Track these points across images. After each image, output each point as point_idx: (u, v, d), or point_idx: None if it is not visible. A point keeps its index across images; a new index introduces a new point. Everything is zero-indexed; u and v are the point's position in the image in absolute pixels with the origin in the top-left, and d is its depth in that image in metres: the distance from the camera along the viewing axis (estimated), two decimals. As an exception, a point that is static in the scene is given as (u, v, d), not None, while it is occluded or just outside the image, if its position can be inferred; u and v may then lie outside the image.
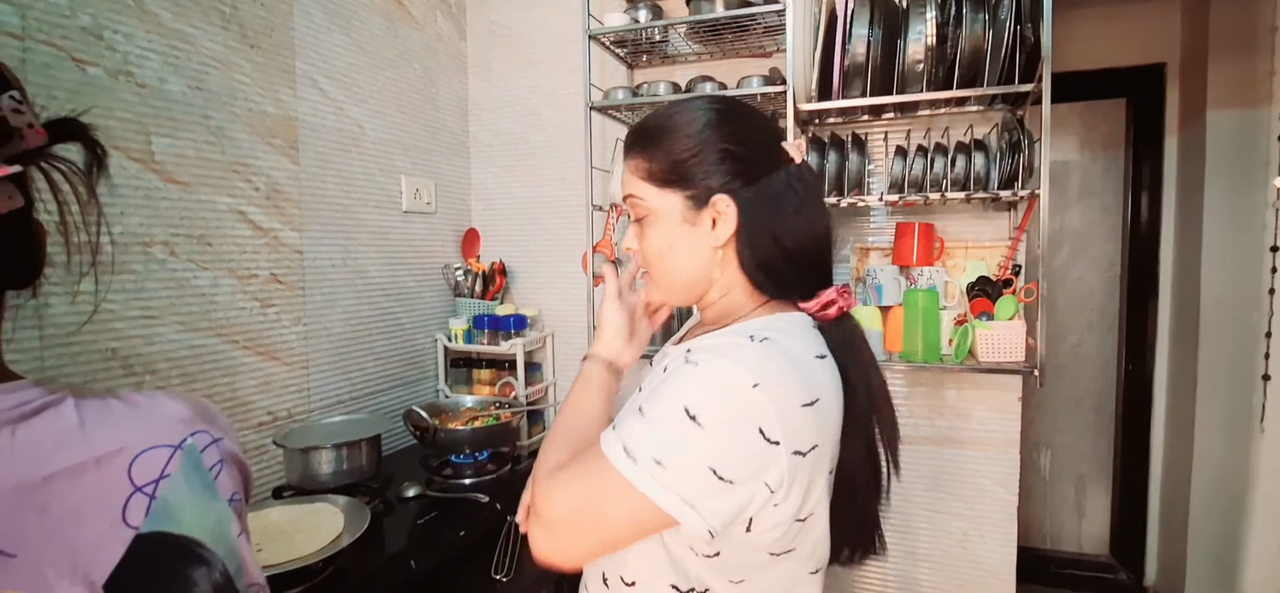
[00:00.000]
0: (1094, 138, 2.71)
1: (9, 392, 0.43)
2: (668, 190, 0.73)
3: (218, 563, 0.48)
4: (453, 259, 2.01)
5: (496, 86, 2.03)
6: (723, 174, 0.71)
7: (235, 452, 0.54)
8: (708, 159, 0.71)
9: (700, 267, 0.74)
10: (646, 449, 0.62)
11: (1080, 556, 2.81)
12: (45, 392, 0.45)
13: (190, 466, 0.49)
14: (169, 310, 1.25)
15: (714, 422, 0.61)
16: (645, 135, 0.75)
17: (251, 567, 0.51)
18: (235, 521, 0.51)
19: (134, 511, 0.44)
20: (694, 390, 0.63)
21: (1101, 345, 2.74)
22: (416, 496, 1.46)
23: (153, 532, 0.45)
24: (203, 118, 1.30)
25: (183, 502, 0.47)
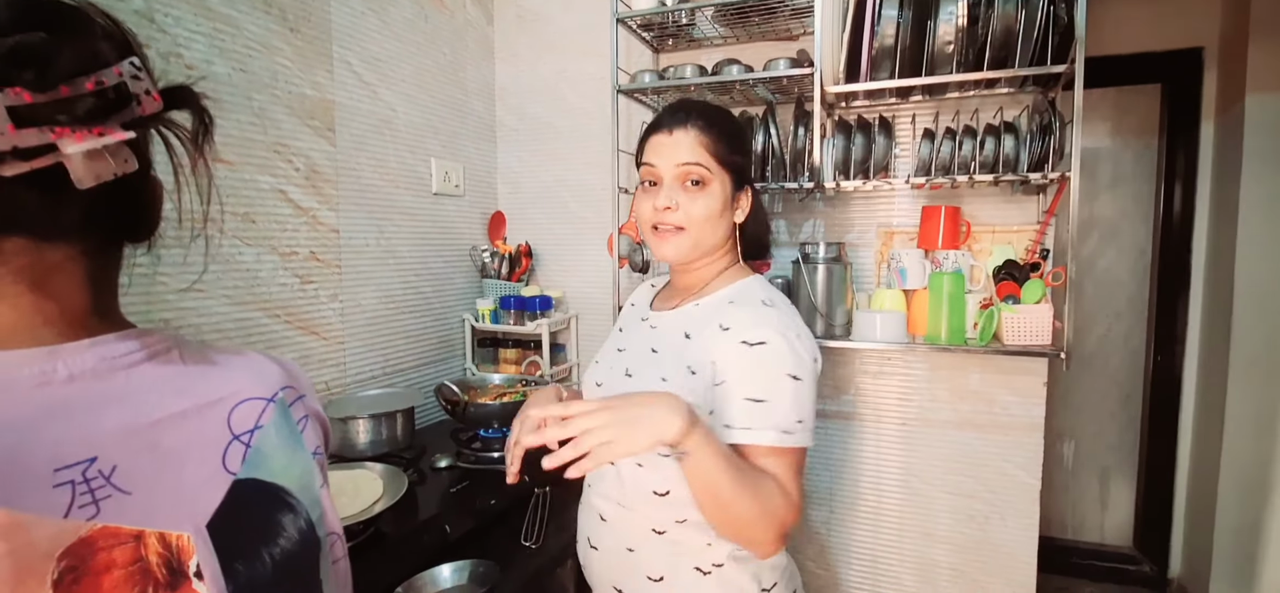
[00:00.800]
0: (1126, 125, 2.67)
1: (123, 339, 0.46)
2: (723, 170, 0.92)
3: (303, 511, 0.51)
4: (480, 241, 2.05)
5: (523, 71, 2.06)
6: (746, 173, 0.97)
7: (317, 409, 0.57)
8: (741, 157, 0.95)
9: (723, 237, 0.95)
10: (791, 419, 0.83)
11: (1102, 547, 2.79)
12: (154, 341, 0.48)
13: (281, 418, 0.52)
14: (216, 285, 1.31)
15: (805, 371, 0.85)
16: (707, 115, 0.94)
17: (331, 516, 0.55)
18: (318, 472, 0.54)
19: (232, 457, 0.47)
20: (785, 359, 0.84)
21: (1130, 336, 2.71)
22: (448, 466, 1.50)
23: (249, 478, 0.48)
24: (246, 99, 1.35)
25: (274, 451, 0.50)
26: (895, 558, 1.82)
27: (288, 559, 0.49)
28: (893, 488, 1.80)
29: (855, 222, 1.76)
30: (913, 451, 1.77)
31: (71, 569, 0.38)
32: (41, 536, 0.37)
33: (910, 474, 1.78)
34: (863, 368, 1.79)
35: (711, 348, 0.87)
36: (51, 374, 0.41)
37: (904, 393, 1.76)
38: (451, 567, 1.24)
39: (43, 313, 0.43)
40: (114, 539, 0.40)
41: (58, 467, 0.39)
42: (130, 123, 0.41)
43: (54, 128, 0.38)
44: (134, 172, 0.43)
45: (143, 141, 0.47)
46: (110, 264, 0.48)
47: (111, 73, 0.41)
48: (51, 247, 0.43)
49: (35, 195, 0.40)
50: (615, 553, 0.97)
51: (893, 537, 1.81)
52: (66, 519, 0.38)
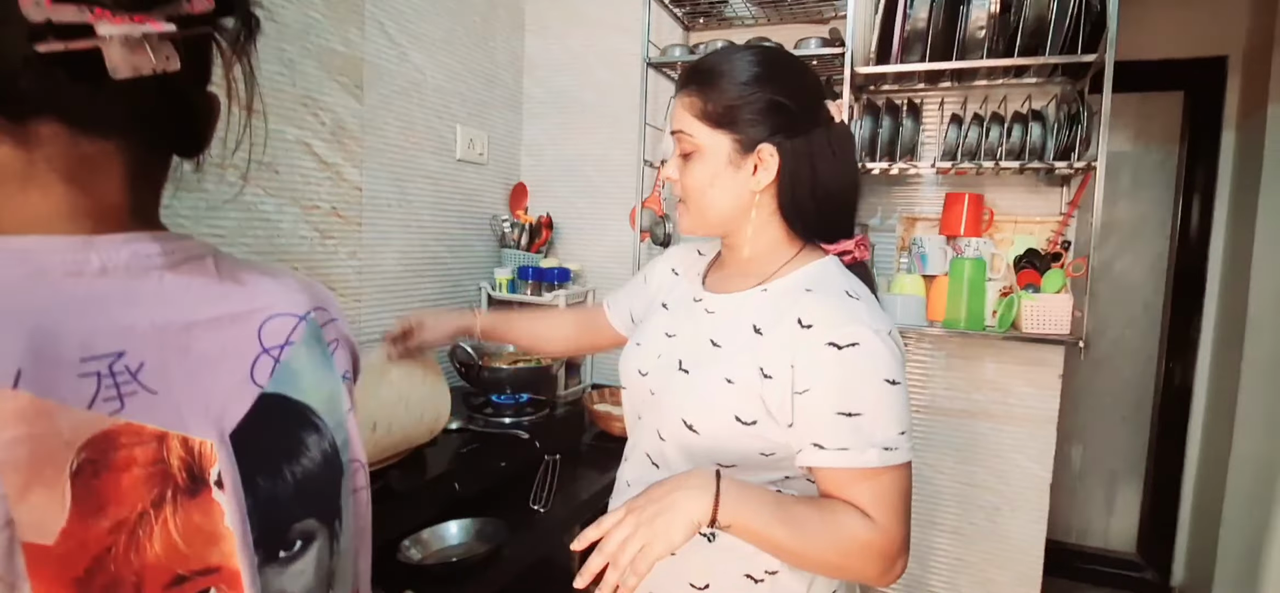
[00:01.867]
0: (1149, 130, 2.66)
1: (159, 240, 0.45)
2: (718, 131, 0.78)
3: (328, 433, 0.51)
4: (501, 211, 2.05)
5: (552, 44, 2.06)
6: (769, 125, 0.77)
7: (348, 335, 0.56)
8: (757, 108, 0.77)
9: (736, 207, 0.81)
10: (893, 432, 0.71)
11: (1106, 552, 2.79)
12: (190, 246, 0.47)
13: (311, 337, 0.51)
14: (237, 232, 1.31)
15: (901, 375, 0.73)
16: (702, 75, 0.80)
17: (356, 443, 0.54)
18: (346, 396, 0.53)
19: (261, 370, 0.47)
20: (882, 362, 0.71)
21: (1144, 342, 2.70)
22: (459, 429, 1.51)
23: (275, 393, 0.47)
24: (277, 48, 1.35)
25: (303, 370, 0.49)
26: (902, 546, 1.82)
27: (309, 479, 0.49)
28: (903, 476, 1.80)
29: (878, 206, 1.76)
30: (926, 439, 1.77)
31: (91, 462, 0.37)
32: (64, 424, 0.37)
33: (922, 462, 1.78)
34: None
35: (790, 348, 0.74)
36: (84, 264, 0.40)
37: (920, 381, 1.76)
38: (459, 524, 1.24)
39: (77, 205, 0.42)
40: (136, 437, 0.39)
41: (85, 356, 0.38)
42: (176, 18, 0.40)
43: (93, 8, 0.37)
44: (178, 73, 0.41)
45: (200, 50, 0.46)
46: (153, 169, 0.47)
47: None
48: (89, 139, 0.42)
49: (74, 81, 0.39)
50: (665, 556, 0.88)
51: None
52: (90, 411, 0.38)
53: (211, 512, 0.42)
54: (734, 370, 0.76)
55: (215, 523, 0.42)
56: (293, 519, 0.48)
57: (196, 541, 0.42)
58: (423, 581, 1.12)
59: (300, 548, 0.48)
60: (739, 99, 0.77)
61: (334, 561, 0.52)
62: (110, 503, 0.38)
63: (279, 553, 0.47)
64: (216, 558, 0.42)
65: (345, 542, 0.53)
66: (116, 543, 0.38)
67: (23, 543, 0.35)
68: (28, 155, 0.40)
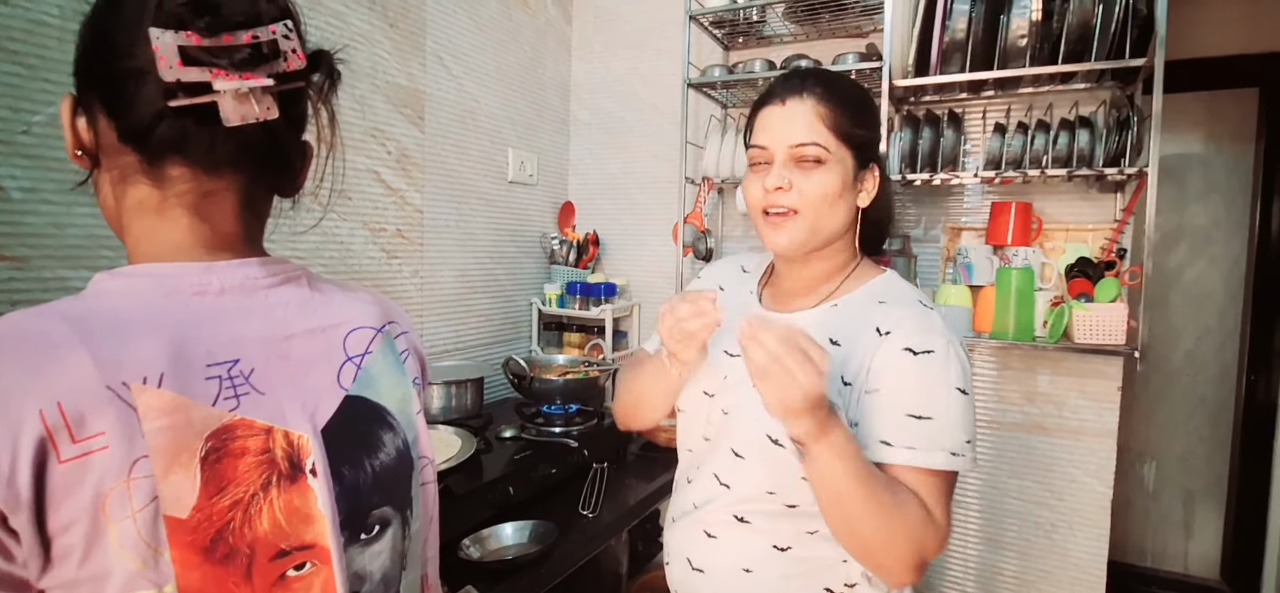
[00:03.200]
0: (1220, 130, 2.53)
1: (264, 264, 0.53)
2: (844, 147, 0.80)
3: (401, 431, 0.57)
4: (550, 229, 2.14)
5: (597, 68, 2.15)
6: (874, 149, 0.84)
7: (418, 345, 0.63)
8: (874, 132, 0.84)
9: (846, 221, 0.82)
10: (960, 438, 0.73)
11: (1186, 577, 2.63)
12: (289, 269, 0.55)
13: (387, 347, 0.58)
14: (314, 254, 1.44)
15: (969, 386, 0.75)
16: (834, 85, 0.82)
17: (424, 441, 0.61)
18: (416, 399, 0.60)
19: (346, 375, 0.54)
20: (954, 371, 0.74)
21: (1221, 352, 2.55)
22: (513, 437, 1.59)
23: (358, 395, 0.54)
24: (349, 87, 1.48)
25: (380, 375, 0.57)
26: (958, 565, 1.79)
27: (386, 472, 0.55)
28: (958, 492, 1.77)
29: (921, 217, 1.76)
30: (980, 453, 1.73)
31: (215, 449, 0.45)
32: (196, 417, 0.44)
33: (976, 478, 1.74)
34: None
35: (869, 355, 0.75)
36: (207, 285, 0.49)
37: (968, 393, 1.73)
38: (514, 525, 1.31)
39: (199, 234, 0.50)
40: (249, 430, 0.47)
41: (209, 363, 0.46)
42: (276, 75, 0.48)
43: (212, 69, 0.45)
44: (277, 120, 0.49)
45: (295, 101, 0.53)
46: (259, 204, 0.55)
47: (267, 30, 0.48)
48: (209, 177, 0.50)
49: (197, 128, 0.47)
50: (728, 574, 0.84)
51: (957, 542, 1.78)
52: (214, 408, 0.46)
53: (308, 496, 0.49)
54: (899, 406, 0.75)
55: (310, 506, 0.49)
56: (372, 506, 0.54)
57: (295, 520, 0.49)
58: (481, 577, 1.19)
59: (378, 532, 0.55)
60: (865, 121, 0.82)
61: (406, 545, 0.58)
62: (229, 484, 0.46)
63: (360, 535, 0.53)
64: (311, 536, 0.49)
65: (415, 528, 0.60)
66: (234, 518, 0.46)
67: (165, 516, 0.43)
68: (162, 193, 0.50)
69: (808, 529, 0.80)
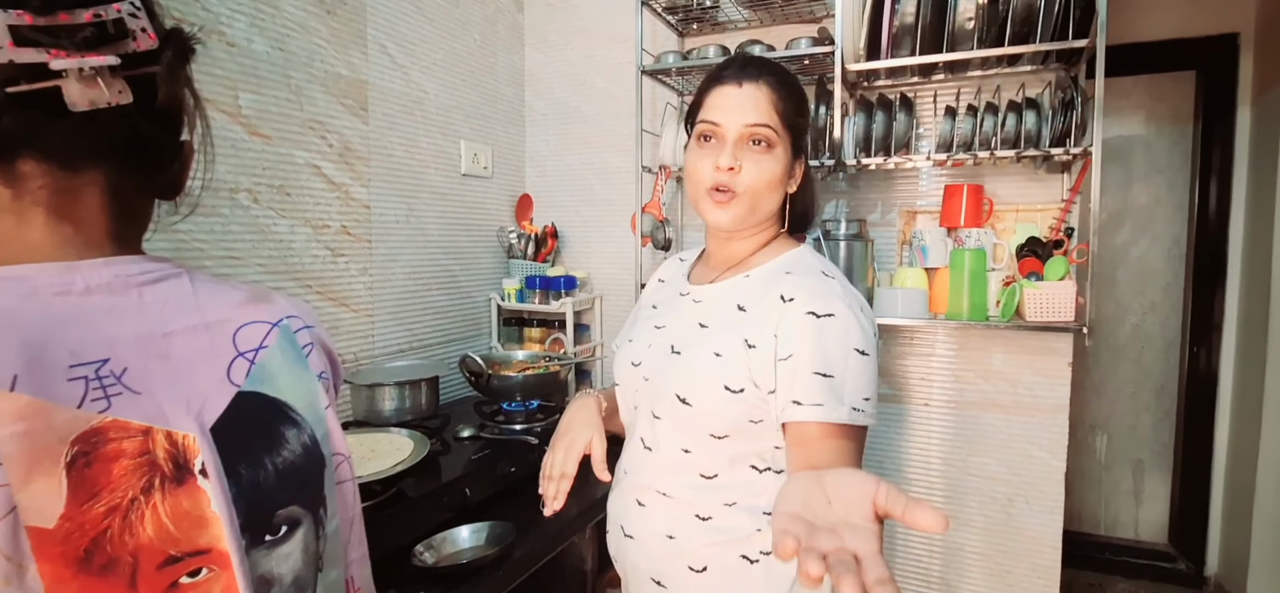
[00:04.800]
0: (1160, 112, 2.61)
1: (137, 262, 0.50)
2: (788, 134, 0.86)
3: (307, 427, 0.55)
4: (507, 222, 2.10)
5: (551, 56, 2.11)
6: (805, 141, 0.91)
7: (324, 339, 0.61)
8: (807, 124, 0.90)
9: (779, 204, 0.89)
10: (860, 396, 0.77)
11: (1137, 543, 2.73)
12: (167, 266, 0.52)
13: (285, 341, 0.55)
14: (251, 253, 1.37)
15: (871, 346, 0.79)
16: (784, 78, 0.87)
17: (337, 438, 0.58)
18: (323, 393, 0.57)
19: (237, 371, 0.51)
20: (853, 333, 0.78)
21: (1165, 327, 2.64)
22: (471, 436, 1.54)
23: (252, 391, 0.52)
24: (284, 76, 1.41)
25: (278, 370, 0.54)
26: (919, 541, 1.81)
27: (291, 469, 0.53)
28: (915, 468, 1.79)
29: (877, 201, 1.77)
30: (935, 430, 1.76)
31: (83, 454, 0.42)
32: (58, 421, 0.41)
33: (933, 455, 1.77)
34: (885, 347, 1.78)
35: (773, 320, 0.80)
36: (70, 285, 0.45)
37: (926, 373, 1.75)
38: (470, 528, 1.27)
39: (61, 235, 0.47)
40: (123, 432, 0.44)
41: (73, 363, 0.43)
42: (124, 55, 0.45)
43: (51, 50, 0.42)
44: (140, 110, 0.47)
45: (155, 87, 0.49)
46: (130, 201, 0.51)
47: (110, 8, 0.44)
48: (66, 173, 0.47)
49: (46, 119, 0.44)
50: (654, 541, 0.90)
51: (913, 520, 1.80)
52: (80, 410, 0.42)
53: (198, 498, 0.46)
54: (721, 345, 0.83)
55: (202, 508, 0.46)
56: (277, 506, 0.51)
57: (185, 524, 0.46)
58: (436, 583, 1.15)
59: (286, 533, 0.52)
60: (803, 112, 0.88)
61: (321, 545, 0.55)
62: (103, 490, 0.42)
63: (265, 537, 0.50)
64: (206, 540, 0.46)
65: (332, 527, 0.57)
66: (111, 525, 0.42)
67: (27, 527, 0.39)
68: (15, 192, 0.46)
69: (726, 501, 0.85)
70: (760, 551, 0.84)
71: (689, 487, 0.86)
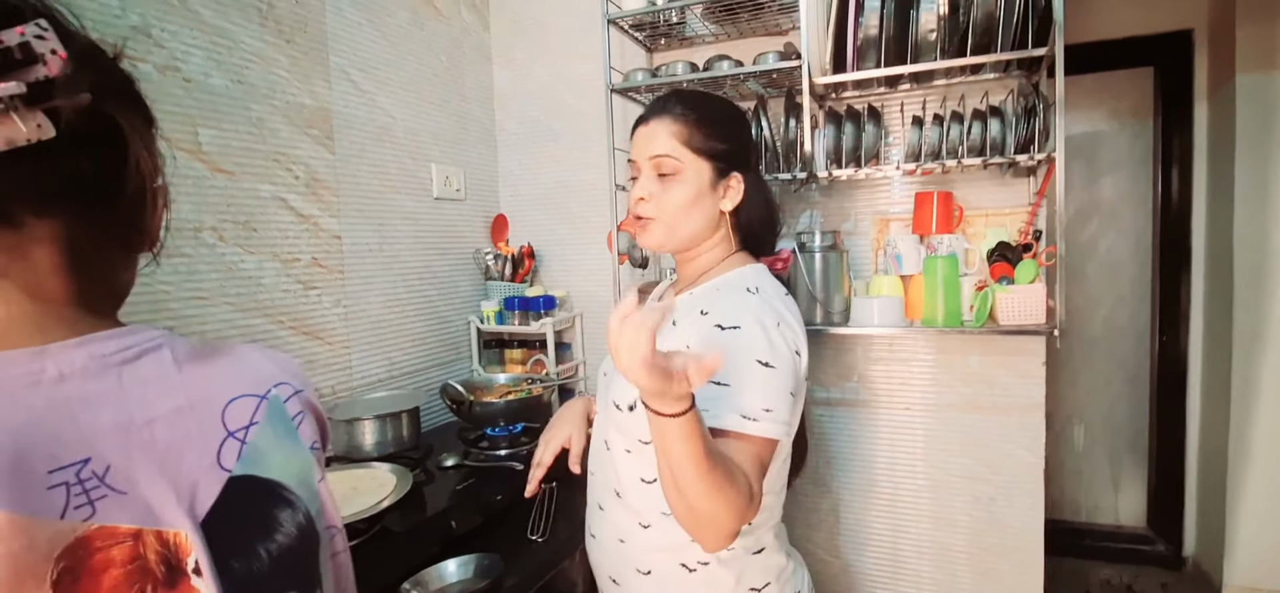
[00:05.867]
0: (1121, 108, 2.67)
1: (113, 337, 0.45)
2: (701, 158, 0.92)
3: (301, 506, 0.51)
4: (483, 244, 2.08)
5: (520, 75, 2.09)
6: (736, 158, 0.95)
7: (314, 403, 0.57)
8: (734, 143, 0.95)
9: (705, 223, 0.95)
10: (757, 406, 0.79)
11: (1117, 529, 2.78)
12: (144, 338, 0.47)
13: (275, 414, 0.52)
14: (218, 292, 1.34)
15: (779, 360, 0.81)
16: (692, 105, 0.94)
17: (330, 510, 0.55)
18: (316, 467, 0.54)
19: (227, 454, 0.47)
20: (757, 345, 0.81)
21: (1134, 317, 2.70)
22: (455, 465, 1.52)
23: (245, 475, 0.48)
24: (244, 110, 1.38)
25: (270, 448, 0.50)
26: (906, 543, 1.82)
27: (286, 554, 0.49)
28: (899, 473, 1.81)
29: (851, 211, 1.78)
30: (917, 435, 1.77)
31: (69, 570, 0.38)
32: (40, 537, 0.37)
33: (916, 459, 1.78)
34: (865, 355, 1.80)
35: (689, 333, 0.87)
36: (40, 374, 0.41)
37: (906, 378, 1.77)
38: (457, 561, 1.25)
39: (18, 308, 0.42)
40: (111, 539, 0.40)
41: (52, 468, 0.39)
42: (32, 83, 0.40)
43: None
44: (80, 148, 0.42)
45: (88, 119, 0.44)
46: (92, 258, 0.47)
47: (12, 32, 0.39)
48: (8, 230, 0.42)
49: None
50: (610, 544, 0.98)
51: (902, 521, 1.82)
52: (63, 520, 0.39)
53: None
54: None
55: None
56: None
57: None
58: (420, 621, 1.14)
59: None
60: (721, 135, 0.93)
61: None
62: None
63: None
64: None
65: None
66: None
67: None
68: None
69: (662, 509, 0.88)
70: (698, 560, 0.89)
71: (634, 490, 0.93)
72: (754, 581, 0.91)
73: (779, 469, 0.92)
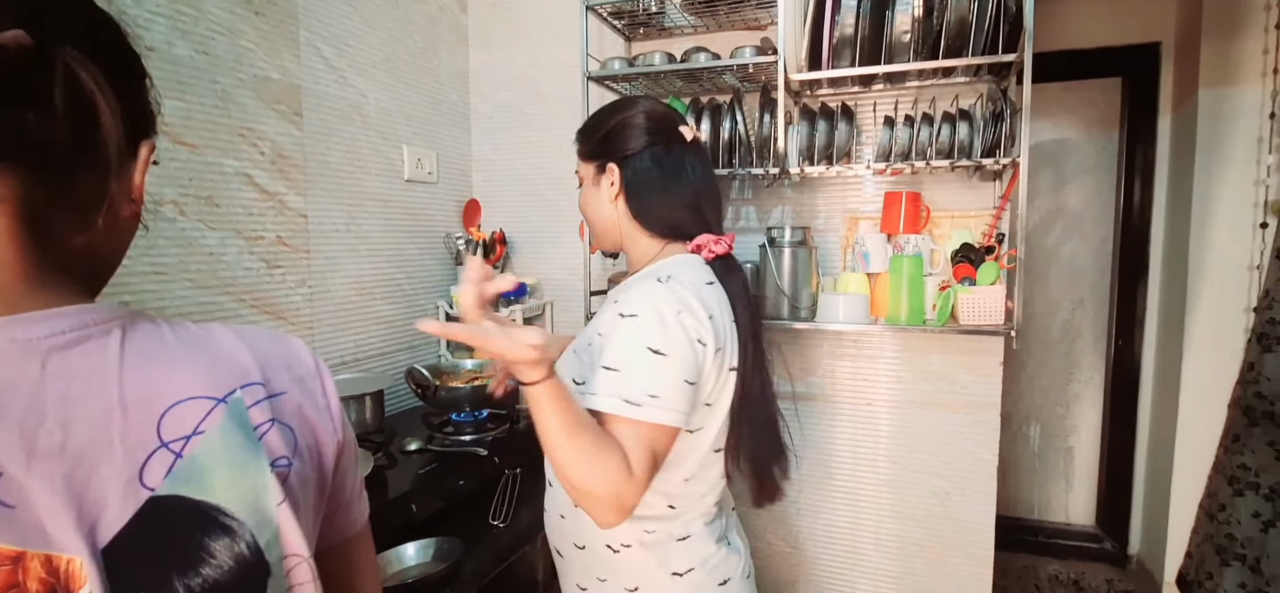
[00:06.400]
0: (1091, 117, 2.74)
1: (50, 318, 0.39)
2: (586, 162, 1.03)
3: (245, 533, 0.43)
4: (454, 228, 2.06)
5: (497, 59, 2.07)
6: (614, 150, 0.99)
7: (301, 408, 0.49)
8: (608, 138, 0.99)
9: (606, 216, 1.01)
10: (641, 392, 0.81)
11: (1067, 526, 2.88)
12: (93, 318, 0.41)
13: (232, 422, 0.44)
14: (178, 268, 1.31)
15: (672, 348, 0.83)
16: (585, 126, 1.05)
17: (291, 537, 0.46)
18: (277, 487, 0.45)
19: (153, 470, 0.40)
20: (649, 333, 0.83)
21: (1093, 321, 2.79)
22: (418, 449, 1.52)
23: (171, 495, 0.40)
24: (210, 82, 1.35)
25: (213, 463, 0.42)
26: (861, 534, 1.87)
27: (215, 590, 0.41)
28: (858, 466, 1.84)
29: (822, 208, 1.80)
30: (879, 430, 1.81)
31: None
32: None
33: (875, 453, 1.82)
34: (831, 350, 1.83)
35: (601, 322, 0.92)
36: None
37: (870, 374, 1.80)
38: (416, 545, 1.25)
39: None
40: None
41: None
42: None
43: None
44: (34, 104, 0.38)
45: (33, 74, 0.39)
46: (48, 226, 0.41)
47: None
48: None
49: None
50: (554, 518, 1.05)
51: (858, 514, 1.86)
52: None
53: None
54: (579, 344, 0.97)
55: None
56: None
57: None
58: (377, 606, 1.13)
59: None
60: (597, 135, 1.01)
61: None
62: None
63: None
64: None
65: None
66: None
67: None
68: None
69: None
70: (621, 542, 0.94)
71: None
72: (676, 565, 0.95)
73: (704, 460, 0.94)
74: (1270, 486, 1.97)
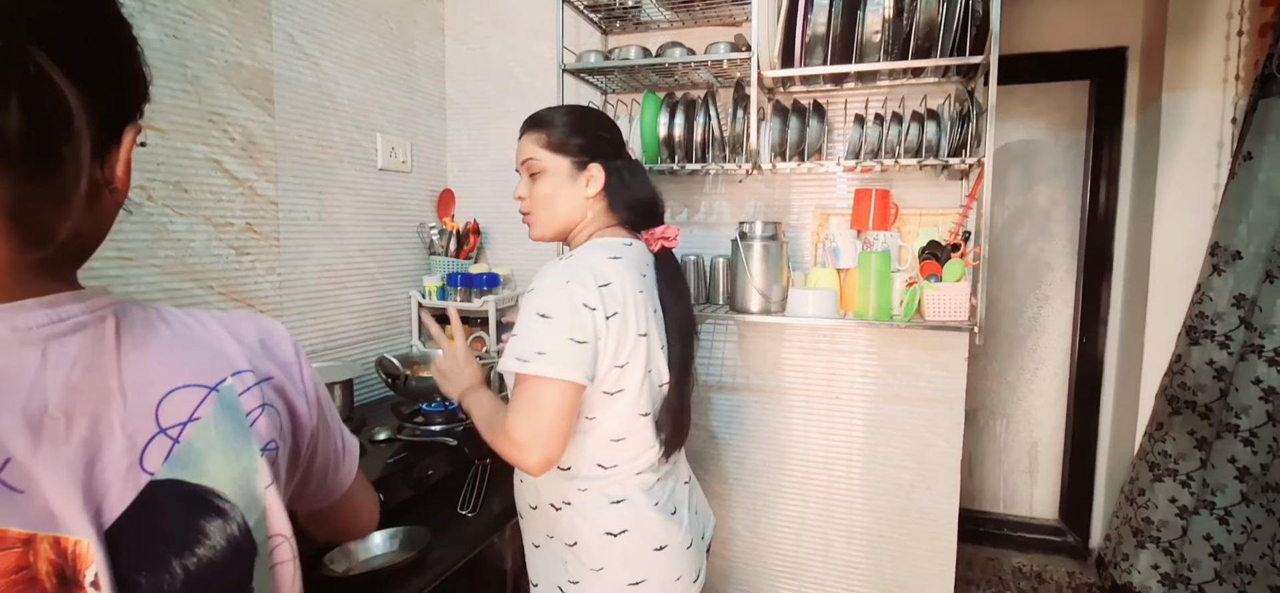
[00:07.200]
0: (1059, 119, 2.80)
1: (47, 306, 0.40)
2: (559, 156, 1.09)
3: (237, 515, 0.45)
4: (428, 218, 2.05)
5: (473, 49, 2.06)
6: (593, 151, 1.10)
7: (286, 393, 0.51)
8: (589, 139, 1.10)
9: (573, 210, 1.11)
10: (530, 349, 0.95)
11: (1030, 520, 2.95)
12: (88, 307, 0.42)
13: (223, 410, 0.46)
14: (145, 254, 1.29)
15: (557, 311, 0.95)
16: (549, 119, 1.11)
17: (276, 517, 0.49)
18: (266, 470, 0.48)
19: (152, 455, 0.42)
20: (538, 299, 0.97)
21: (1058, 319, 2.85)
22: (387, 439, 1.52)
23: (170, 479, 0.42)
24: (180, 66, 1.33)
25: (208, 449, 0.44)
26: (828, 525, 1.90)
27: (208, 570, 0.44)
28: (826, 458, 1.88)
29: (794, 203, 1.83)
30: (846, 423, 1.85)
31: None
32: None
33: (843, 445, 1.86)
34: (800, 344, 1.86)
35: None
36: None
37: (839, 369, 1.83)
38: (383, 534, 1.26)
39: None
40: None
41: None
42: None
43: None
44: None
45: None
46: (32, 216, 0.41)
47: None
48: None
49: None
50: (516, 484, 1.19)
51: (825, 505, 1.90)
52: None
53: None
54: None
55: None
56: None
57: None
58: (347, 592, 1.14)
59: None
60: (576, 134, 1.10)
61: None
62: None
63: None
64: None
65: None
66: None
67: None
68: None
69: None
70: (563, 500, 1.08)
71: None
72: (611, 526, 1.06)
73: (628, 422, 1.05)
74: (1187, 473, 2.05)
